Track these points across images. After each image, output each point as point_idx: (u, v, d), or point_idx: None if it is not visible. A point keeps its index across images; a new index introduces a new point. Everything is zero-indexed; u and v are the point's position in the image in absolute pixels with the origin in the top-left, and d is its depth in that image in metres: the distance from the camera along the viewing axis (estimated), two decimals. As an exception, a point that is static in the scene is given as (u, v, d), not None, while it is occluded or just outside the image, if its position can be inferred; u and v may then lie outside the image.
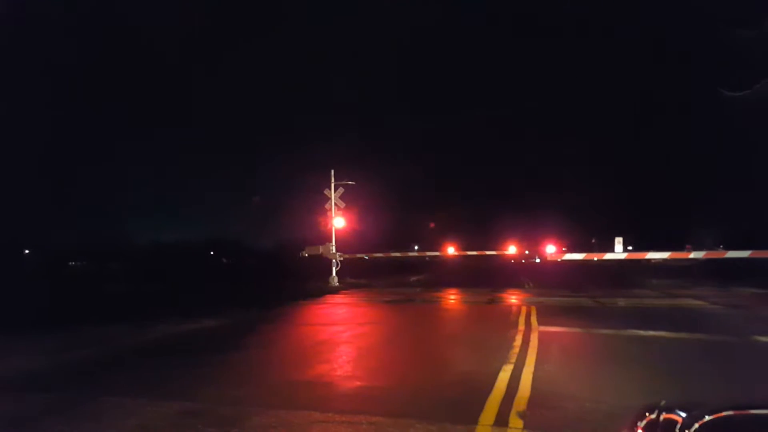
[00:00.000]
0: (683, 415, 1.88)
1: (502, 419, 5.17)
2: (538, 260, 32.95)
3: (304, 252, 25.11)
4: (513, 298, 17.37)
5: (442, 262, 38.23)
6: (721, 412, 1.85)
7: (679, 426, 1.76)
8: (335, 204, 24.31)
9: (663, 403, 2.03)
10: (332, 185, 24.40)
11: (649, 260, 24.08)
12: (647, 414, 1.99)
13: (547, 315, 12.64)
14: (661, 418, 1.91)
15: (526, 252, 29.25)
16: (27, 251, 55.43)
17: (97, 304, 18.58)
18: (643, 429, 1.89)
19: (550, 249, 23.61)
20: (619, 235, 21.55)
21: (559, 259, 24.21)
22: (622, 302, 16.03)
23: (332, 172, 24.56)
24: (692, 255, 20.88)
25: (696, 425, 1.73)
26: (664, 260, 23.21)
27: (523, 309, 13.72)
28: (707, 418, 1.78)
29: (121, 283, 27.24)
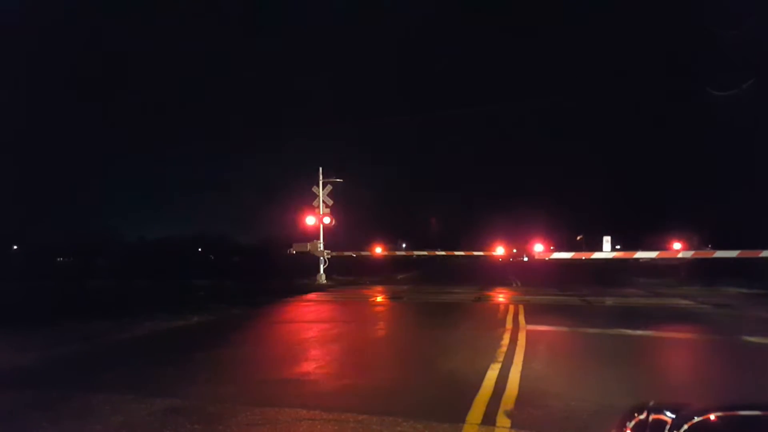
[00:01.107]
0: (672, 415, 1.86)
1: (489, 418, 5.16)
2: (525, 259, 33.07)
3: (292, 249, 25.05)
4: (501, 297, 17.41)
5: (430, 261, 38.32)
6: (710, 413, 1.84)
7: (668, 427, 1.74)
8: (323, 201, 24.25)
9: (652, 403, 2.01)
10: (320, 183, 24.35)
11: (637, 259, 24.20)
12: (636, 414, 1.97)
13: (534, 314, 12.67)
14: (650, 418, 1.90)
15: (514, 251, 29.33)
16: (15, 247, 55.02)
17: (84, 301, 18.40)
18: (632, 429, 1.87)
19: (538, 248, 23.68)
20: (606, 234, 21.62)
21: (547, 258, 24.29)
22: (609, 301, 16.12)
23: (320, 169, 24.53)
24: (681, 254, 20.97)
25: (685, 426, 1.71)
26: (652, 259, 23.31)
27: (511, 307, 13.75)
28: (696, 419, 1.77)
29: (108, 279, 27.02)
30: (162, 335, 10.68)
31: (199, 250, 58.09)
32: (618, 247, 24.83)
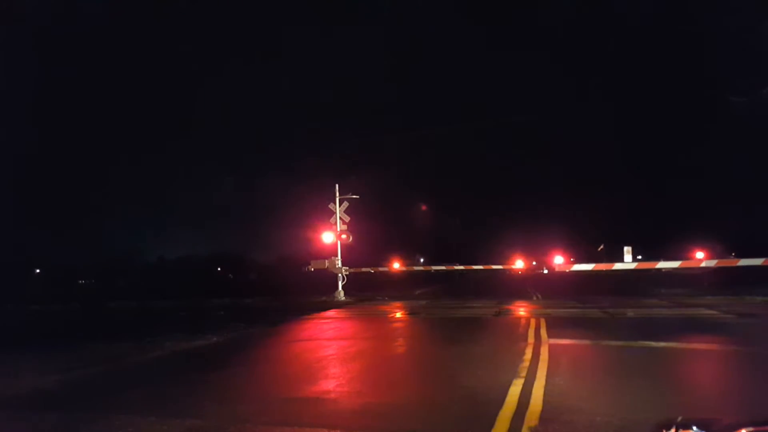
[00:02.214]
0: (701, 431, 1.81)
1: (513, 435, 5.08)
2: (545, 271, 32.75)
3: (310, 266, 25.10)
4: (521, 310, 17.23)
5: (448, 275, 38.14)
6: (740, 428, 1.79)
7: None
8: (340, 218, 24.32)
9: (680, 419, 1.97)
10: (337, 200, 24.44)
11: (659, 269, 23.82)
12: (663, 430, 1.93)
13: (556, 327, 12.52)
14: None
15: (534, 263, 29.10)
16: (38, 270, 56.02)
17: (106, 322, 18.60)
18: None
19: (558, 260, 23.46)
20: (627, 244, 21.35)
21: (567, 270, 24.04)
22: (631, 313, 15.87)
23: (336, 186, 24.61)
24: (704, 263, 20.58)
25: None
26: (675, 269, 22.93)
27: (532, 321, 13.59)
28: None
29: (128, 300, 27.29)
30: (182, 355, 10.72)
31: (219, 269, 58.55)
32: (639, 257, 24.48)
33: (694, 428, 1.87)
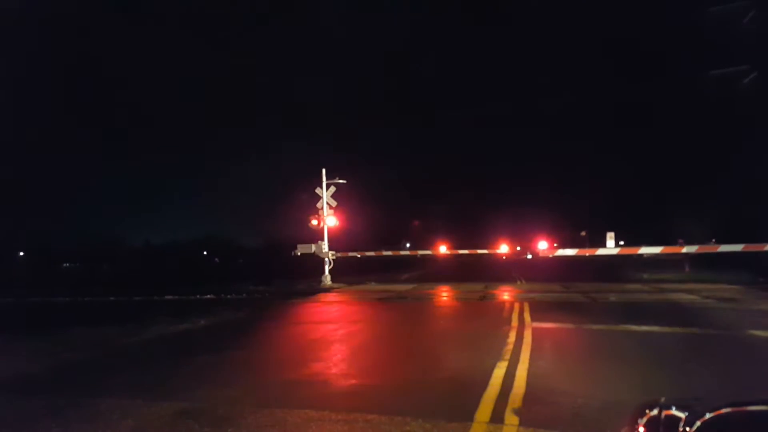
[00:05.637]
0: (683, 412, 1.87)
1: (497, 416, 5.18)
2: (529, 256, 33.02)
3: (296, 251, 25.05)
4: (505, 295, 17.41)
5: (434, 260, 38.30)
6: (720, 409, 1.85)
7: (682, 423, 1.76)
8: (327, 203, 24.27)
9: (662, 400, 2.02)
10: (323, 184, 24.36)
11: (641, 255, 24.17)
12: (647, 411, 1.98)
13: (539, 311, 12.68)
14: (662, 415, 1.91)
15: (518, 248, 29.32)
16: (22, 253, 55.35)
17: (91, 307, 18.48)
18: (644, 426, 1.89)
19: (542, 245, 23.67)
20: (610, 230, 21.57)
21: (550, 255, 24.27)
22: (613, 297, 16.11)
23: (323, 171, 24.52)
24: (685, 249, 20.91)
25: (698, 423, 1.72)
26: (656, 255, 23.26)
27: (516, 305, 13.75)
28: (708, 415, 1.78)
29: (114, 284, 27.11)
30: (169, 339, 10.71)
31: (204, 252, 58.31)
32: (621, 242, 24.78)
33: (674, 409, 1.92)
